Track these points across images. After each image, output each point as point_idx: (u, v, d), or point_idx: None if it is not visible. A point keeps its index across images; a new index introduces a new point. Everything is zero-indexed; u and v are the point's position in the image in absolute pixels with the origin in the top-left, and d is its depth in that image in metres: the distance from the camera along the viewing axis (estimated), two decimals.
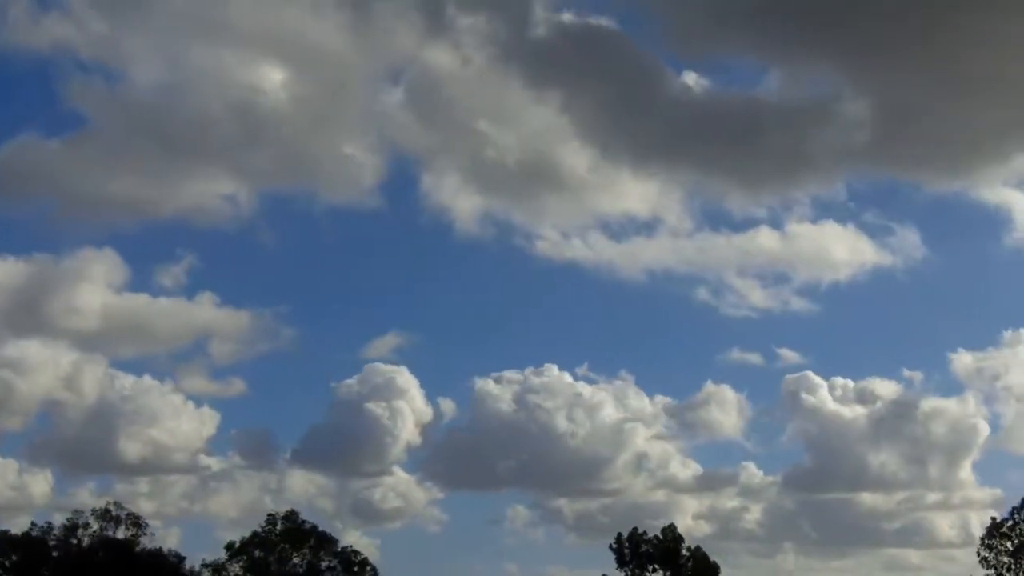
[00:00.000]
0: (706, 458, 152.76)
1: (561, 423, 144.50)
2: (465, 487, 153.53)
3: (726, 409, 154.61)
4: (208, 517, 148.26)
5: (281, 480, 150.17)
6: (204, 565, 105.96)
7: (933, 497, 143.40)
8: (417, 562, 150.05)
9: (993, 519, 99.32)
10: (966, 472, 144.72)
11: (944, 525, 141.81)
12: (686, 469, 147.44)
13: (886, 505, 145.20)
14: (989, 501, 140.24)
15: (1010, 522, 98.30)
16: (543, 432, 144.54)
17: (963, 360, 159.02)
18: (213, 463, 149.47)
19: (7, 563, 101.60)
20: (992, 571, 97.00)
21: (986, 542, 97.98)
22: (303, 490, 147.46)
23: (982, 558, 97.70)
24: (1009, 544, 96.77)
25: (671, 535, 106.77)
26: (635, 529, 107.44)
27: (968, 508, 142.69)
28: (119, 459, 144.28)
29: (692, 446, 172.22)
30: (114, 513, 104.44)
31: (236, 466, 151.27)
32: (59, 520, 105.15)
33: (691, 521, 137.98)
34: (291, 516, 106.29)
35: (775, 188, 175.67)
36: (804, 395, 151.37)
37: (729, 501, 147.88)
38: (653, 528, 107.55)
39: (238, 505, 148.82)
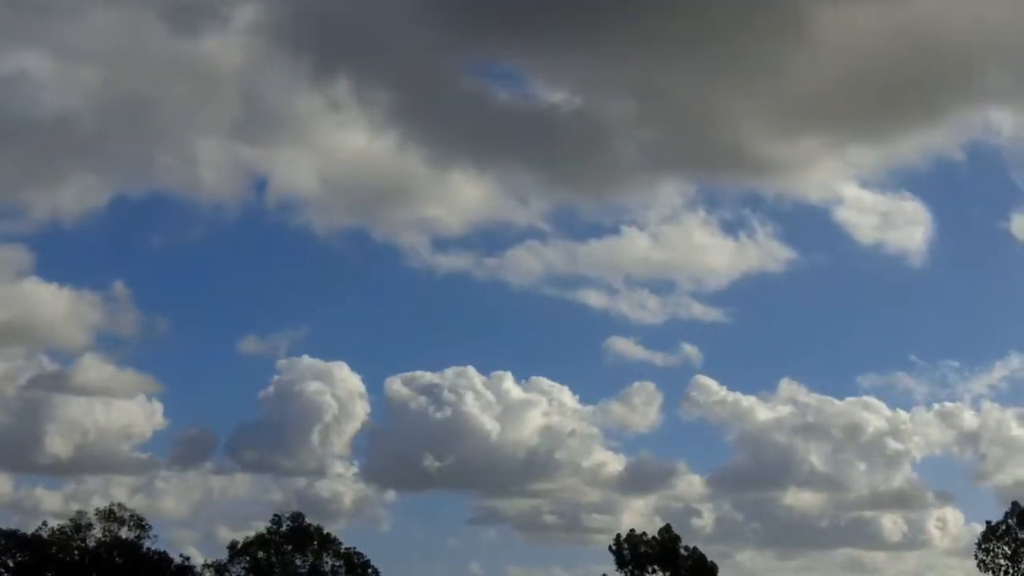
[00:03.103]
0: (636, 456, 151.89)
1: (486, 424, 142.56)
2: (397, 487, 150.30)
3: (647, 409, 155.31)
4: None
5: (221, 478, 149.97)
6: (206, 566, 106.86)
7: (877, 499, 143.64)
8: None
9: (988, 523, 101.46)
10: (903, 473, 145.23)
11: (889, 524, 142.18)
12: (618, 467, 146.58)
13: (837, 506, 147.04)
14: (932, 501, 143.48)
15: (1004, 526, 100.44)
16: (472, 433, 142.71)
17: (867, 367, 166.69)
18: (147, 461, 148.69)
19: (11, 563, 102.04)
20: (990, 574, 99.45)
21: (983, 546, 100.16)
22: (245, 487, 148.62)
23: (980, 561, 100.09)
24: (1006, 547, 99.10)
25: (668, 535, 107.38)
26: (632, 530, 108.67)
27: (909, 508, 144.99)
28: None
29: (620, 444, 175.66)
30: (117, 514, 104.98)
31: (173, 464, 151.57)
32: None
33: (640, 519, 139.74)
34: (296, 517, 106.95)
35: (612, 192, 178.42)
36: (716, 397, 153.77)
37: (671, 501, 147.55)
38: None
39: (178, 504, 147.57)
